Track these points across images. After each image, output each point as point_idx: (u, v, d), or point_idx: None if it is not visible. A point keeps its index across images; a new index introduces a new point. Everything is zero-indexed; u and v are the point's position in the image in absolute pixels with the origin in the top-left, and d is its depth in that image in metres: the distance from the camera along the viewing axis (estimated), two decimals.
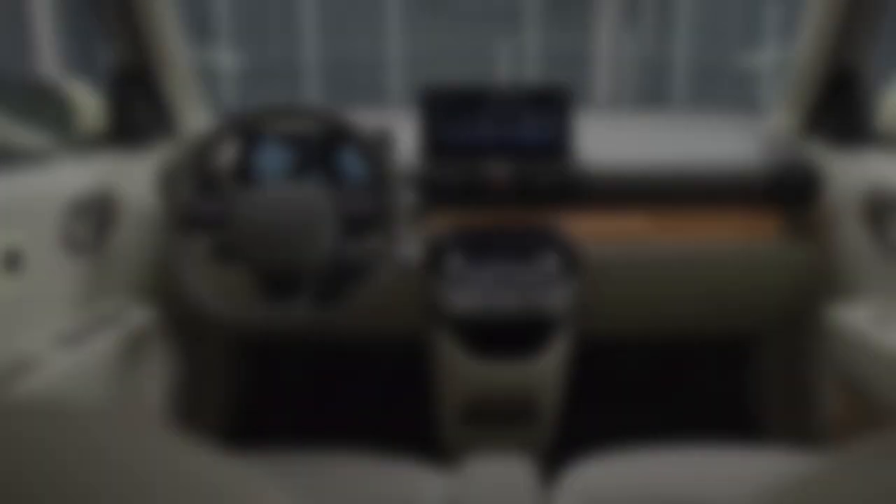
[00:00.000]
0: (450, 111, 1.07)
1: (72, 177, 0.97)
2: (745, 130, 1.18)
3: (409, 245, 0.96)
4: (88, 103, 1.12)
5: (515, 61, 4.71)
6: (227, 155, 1.09)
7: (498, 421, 1.05)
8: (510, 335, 1.01)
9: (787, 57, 1.25)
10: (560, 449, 1.05)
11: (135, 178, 1.08)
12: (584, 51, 4.71)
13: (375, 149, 0.87)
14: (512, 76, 4.72)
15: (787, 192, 1.08)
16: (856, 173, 1.03)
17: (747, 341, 1.41)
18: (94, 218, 0.98)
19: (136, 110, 1.11)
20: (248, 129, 0.91)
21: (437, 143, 1.08)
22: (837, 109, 1.10)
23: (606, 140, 1.14)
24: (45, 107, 1.09)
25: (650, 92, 4.91)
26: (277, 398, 1.54)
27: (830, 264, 1.08)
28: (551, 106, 1.06)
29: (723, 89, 4.82)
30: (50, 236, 0.90)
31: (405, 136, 1.10)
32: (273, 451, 0.76)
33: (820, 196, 1.09)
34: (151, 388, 1.08)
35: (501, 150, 1.08)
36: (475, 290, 1.00)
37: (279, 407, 1.53)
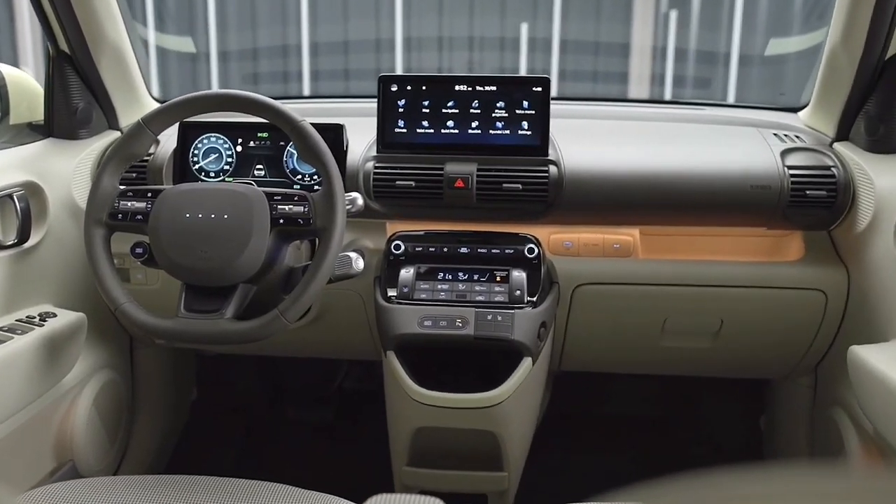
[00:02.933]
0: (410, 103, 1.06)
1: None
2: (769, 131, 1.12)
3: (355, 254, 0.94)
4: (30, 92, 1.15)
5: (541, 47, 4.66)
6: (165, 149, 1.11)
7: (452, 462, 1.02)
8: (465, 364, 0.98)
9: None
10: (527, 498, 1.02)
11: (65, 170, 1.10)
12: (622, 38, 4.63)
13: (313, 143, 0.86)
14: (535, 64, 4.67)
15: (813, 205, 1.02)
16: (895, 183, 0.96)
17: (762, 382, 1.34)
18: (19, 212, 1.00)
19: (73, 100, 1.13)
20: (170, 121, 0.91)
21: (394, 139, 1.06)
22: (876, 109, 1.03)
23: (612, 140, 1.10)
24: None
25: (695, 82, 4.78)
26: (227, 412, 1.54)
27: (863, 292, 1.01)
28: (527, 99, 1.03)
29: (777, 81, 4.64)
30: None
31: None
32: (210, 473, 0.77)
33: (853, 210, 1.02)
34: (77, 396, 1.09)
35: (467, 147, 1.05)
36: (425, 310, 0.97)
37: (228, 422, 1.53)
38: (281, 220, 0.85)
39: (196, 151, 1.09)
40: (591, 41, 4.77)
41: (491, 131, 1.05)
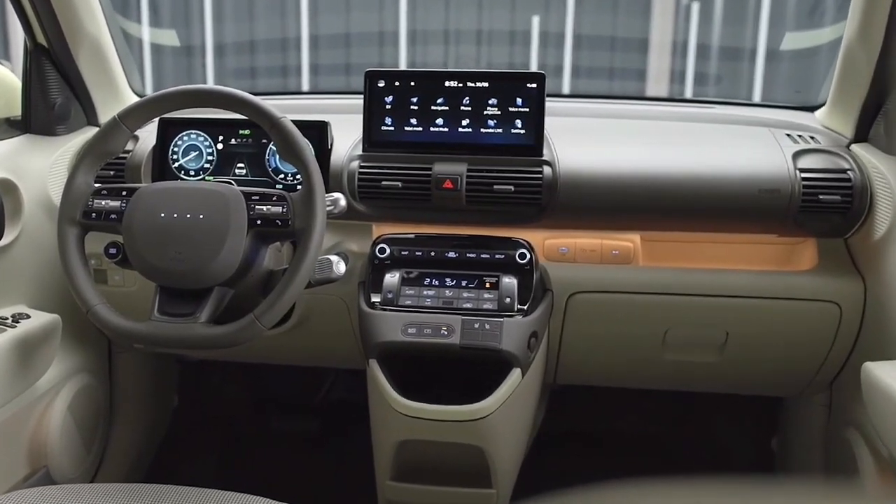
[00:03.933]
0: (397, 99, 1.05)
1: None
2: (781, 131, 1.10)
3: (337, 257, 0.94)
4: (8, 87, 1.17)
5: (553, 42, 4.64)
6: (145, 146, 1.11)
7: (438, 477, 1.01)
8: (452, 374, 0.97)
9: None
10: None
11: (42, 167, 1.11)
12: (640, 32, 4.60)
13: (293, 141, 0.86)
14: (547, 60, 4.64)
15: (827, 211, 1.00)
16: None
17: (774, 400, 1.31)
18: None
19: (51, 94, 1.14)
20: (147, 117, 0.92)
21: (380, 137, 1.06)
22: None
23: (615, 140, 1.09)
24: None
25: (718, 79, 4.73)
26: (209, 421, 1.55)
27: (881, 304, 0.99)
28: (521, 96, 1.03)
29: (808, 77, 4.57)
30: None
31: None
32: (189, 482, 0.78)
33: (870, 217, 1.00)
34: (52, 401, 1.10)
35: (457, 146, 1.05)
36: (410, 317, 0.97)
37: (210, 430, 1.54)
38: (258, 221, 0.85)
39: (176, 149, 1.09)
40: (607, 36, 4.74)
41: (482, 130, 1.04)
